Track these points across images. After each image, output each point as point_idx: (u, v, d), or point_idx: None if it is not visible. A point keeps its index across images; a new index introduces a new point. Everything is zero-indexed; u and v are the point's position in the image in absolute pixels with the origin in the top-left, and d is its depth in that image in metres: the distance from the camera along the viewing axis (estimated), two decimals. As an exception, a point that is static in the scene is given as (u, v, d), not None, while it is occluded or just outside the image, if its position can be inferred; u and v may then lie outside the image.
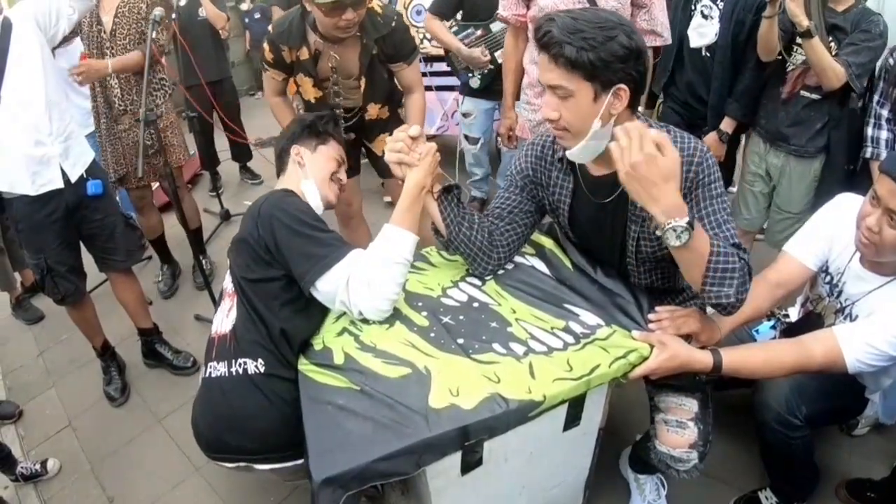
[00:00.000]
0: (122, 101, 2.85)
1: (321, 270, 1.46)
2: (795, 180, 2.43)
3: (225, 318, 1.61)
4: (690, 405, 1.52)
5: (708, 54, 2.48)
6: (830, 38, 2.17)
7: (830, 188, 2.27)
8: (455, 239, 1.58)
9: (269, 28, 2.25)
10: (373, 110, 2.37)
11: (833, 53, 2.13)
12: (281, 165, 1.82)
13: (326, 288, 1.48)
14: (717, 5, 2.40)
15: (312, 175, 1.76)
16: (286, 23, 2.16)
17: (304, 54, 2.14)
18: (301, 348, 1.53)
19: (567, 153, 1.43)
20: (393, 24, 2.18)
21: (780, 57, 2.29)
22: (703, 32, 2.45)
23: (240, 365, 1.52)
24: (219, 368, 1.56)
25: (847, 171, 2.35)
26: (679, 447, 1.50)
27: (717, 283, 1.28)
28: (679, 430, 1.50)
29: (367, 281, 1.45)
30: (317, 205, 1.73)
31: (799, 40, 2.16)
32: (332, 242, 1.51)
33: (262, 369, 1.50)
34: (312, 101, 2.32)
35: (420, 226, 1.54)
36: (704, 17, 2.45)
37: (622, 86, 1.29)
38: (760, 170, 2.52)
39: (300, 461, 1.51)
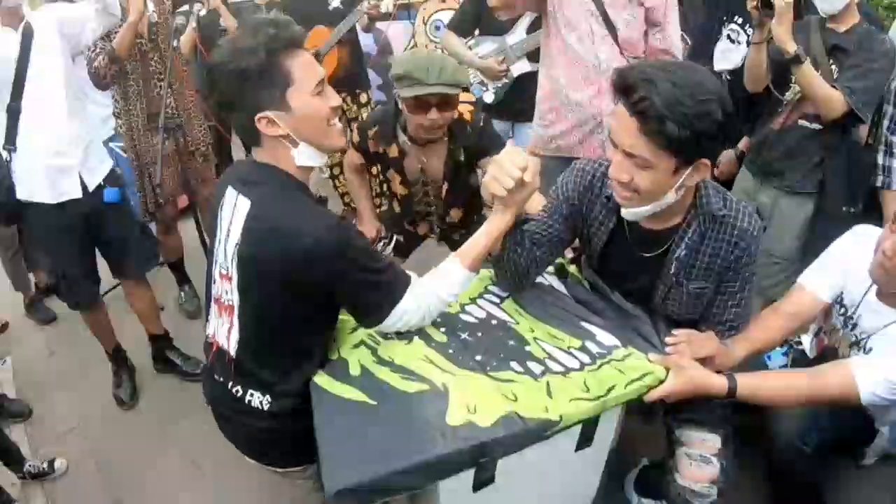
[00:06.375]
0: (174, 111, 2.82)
1: (384, 316, 1.39)
2: (786, 221, 2.25)
3: (226, 336, 1.41)
4: (714, 441, 1.52)
5: (728, 77, 2.44)
6: (831, 61, 2.06)
7: (825, 232, 2.06)
8: (505, 260, 1.56)
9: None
10: (455, 214, 2.32)
11: (834, 77, 2.02)
12: (250, 139, 1.36)
13: (386, 325, 1.42)
14: (745, 31, 2.34)
15: (303, 136, 1.32)
16: (380, 117, 2.19)
17: (394, 152, 2.15)
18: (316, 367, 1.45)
19: (624, 211, 1.42)
20: (481, 123, 2.16)
21: (769, 89, 2.15)
22: (729, 57, 2.39)
23: (243, 392, 1.42)
24: (220, 378, 1.47)
25: (847, 213, 2.14)
26: (701, 482, 1.49)
27: None
28: (703, 464, 1.50)
29: (421, 316, 1.44)
30: (321, 163, 1.42)
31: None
32: (391, 284, 1.38)
33: (265, 407, 1.41)
34: (399, 196, 2.29)
35: None
36: (732, 41, 2.40)
37: (705, 160, 1.26)
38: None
39: (281, 470, 1.54)
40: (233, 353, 1.40)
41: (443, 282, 1.45)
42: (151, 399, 2.72)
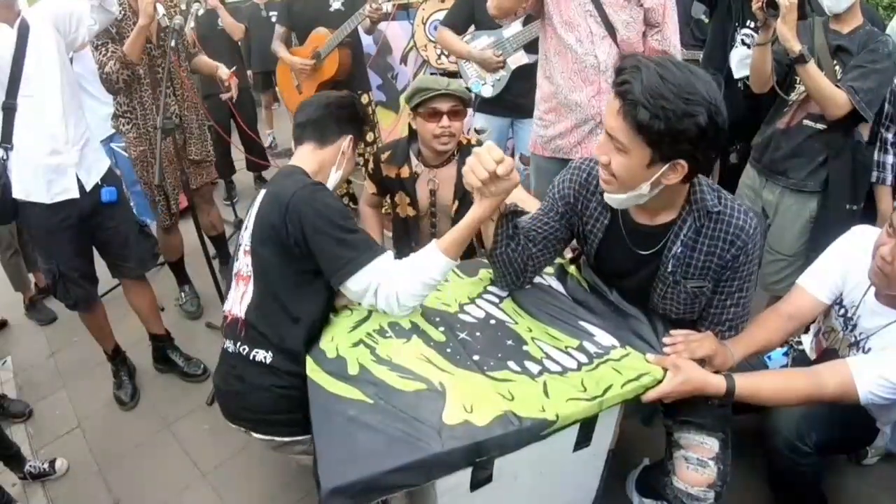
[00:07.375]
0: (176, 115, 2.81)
1: (349, 273, 1.52)
2: (790, 219, 2.27)
3: (238, 302, 1.65)
4: (712, 444, 1.50)
5: (742, 85, 2.44)
6: (835, 62, 2.08)
7: (828, 229, 2.11)
8: (497, 255, 1.58)
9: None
10: None
11: (837, 77, 2.04)
12: (316, 135, 1.76)
13: (354, 289, 1.54)
14: (758, 34, 2.29)
15: (345, 167, 1.79)
16: (393, 143, 2.35)
17: (405, 173, 2.26)
18: (310, 337, 1.57)
19: (605, 196, 1.43)
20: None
21: (774, 90, 2.16)
22: (748, 63, 2.34)
23: (249, 350, 1.61)
24: (231, 347, 1.67)
25: (849, 211, 2.17)
26: (698, 485, 1.48)
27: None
28: (700, 468, 1.48)
29: (395, 293, 1.52)
30: (333, 185, 1.78)
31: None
32: (359, 244, 1.54)
33: (268, 360, 1.59)
34: (407, 218, 2.34)
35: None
36: (747, 46, 2.39)
37: (681, 161, 1.25)
38: (756, 207, 2.36)
39: (288, 438, 1.64)
40: (243, 315, 1.62)
41: (420, 265, 1.53)
42: (151, 399, 2.71)
